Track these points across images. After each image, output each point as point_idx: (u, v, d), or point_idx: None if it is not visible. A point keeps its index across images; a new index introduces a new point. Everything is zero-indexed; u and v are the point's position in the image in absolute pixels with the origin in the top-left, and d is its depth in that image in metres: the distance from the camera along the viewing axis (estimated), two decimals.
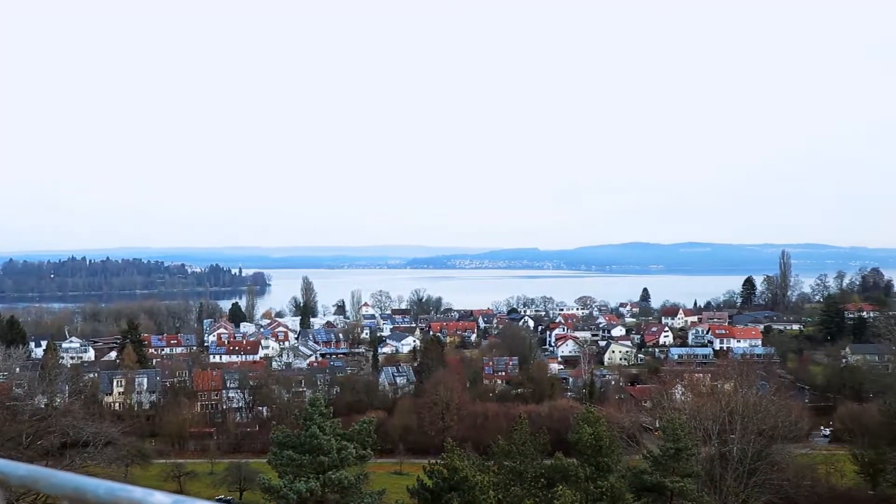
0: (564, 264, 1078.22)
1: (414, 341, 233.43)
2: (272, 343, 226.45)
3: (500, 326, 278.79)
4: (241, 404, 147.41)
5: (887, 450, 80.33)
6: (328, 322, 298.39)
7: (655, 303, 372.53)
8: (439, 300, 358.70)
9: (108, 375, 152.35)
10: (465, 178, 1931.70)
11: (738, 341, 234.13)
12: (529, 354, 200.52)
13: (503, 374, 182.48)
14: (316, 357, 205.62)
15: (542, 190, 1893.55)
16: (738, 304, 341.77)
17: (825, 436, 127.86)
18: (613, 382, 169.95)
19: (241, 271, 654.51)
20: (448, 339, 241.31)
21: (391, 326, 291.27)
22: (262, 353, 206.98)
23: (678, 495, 49.08)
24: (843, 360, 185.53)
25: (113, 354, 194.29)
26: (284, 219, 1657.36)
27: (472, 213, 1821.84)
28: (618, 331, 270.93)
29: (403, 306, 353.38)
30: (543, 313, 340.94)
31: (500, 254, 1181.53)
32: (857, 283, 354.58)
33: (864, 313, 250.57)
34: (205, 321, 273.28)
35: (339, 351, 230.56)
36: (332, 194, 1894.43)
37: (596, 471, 46.29)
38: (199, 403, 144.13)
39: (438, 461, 46.34)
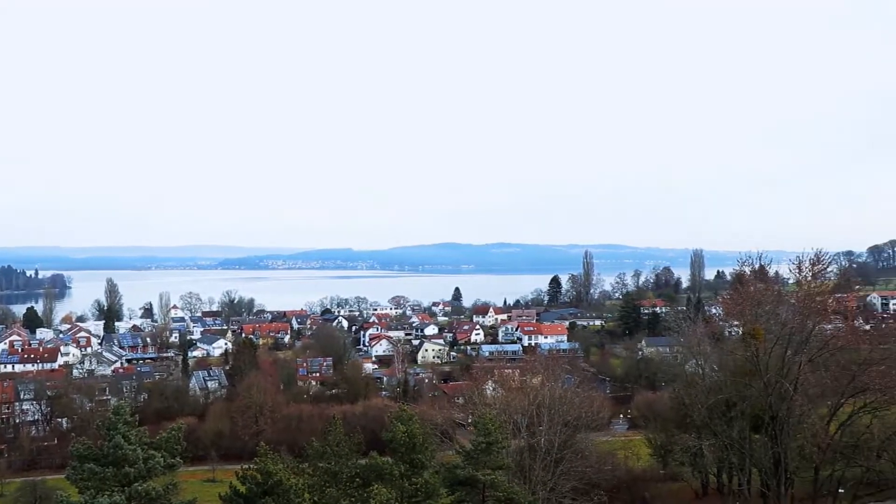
0: (378, 264, 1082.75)
1: (226, 344, 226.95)
2: (73, 349, 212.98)
3: (314, 327, 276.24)
4: (37, 417, 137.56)
5: (676, 433, 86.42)
6: (134, 326, 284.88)
7: (467, 302, 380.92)
8: (252, 301, 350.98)
9: None
10: (275, 177, 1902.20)
11: (546, 337, 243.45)
12: (344, 355, 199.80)
13: (317, 374, 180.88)
14: (121, 363, 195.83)
15: (354, 190, 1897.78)
16: (546, 301, 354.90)
17: (624, 423, 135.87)
18: (427, 380, 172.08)
19: (37, 273, 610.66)
20: (261, 341, 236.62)
21: (202, 329, 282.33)
22: (61, 360, 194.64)
23: (490, 487, 50.48)
24: (640, 353, 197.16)
25: None
26: (86, 217, 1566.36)
27: (283, 212, 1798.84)
28: (431, 329, 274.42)
29: (215, 308, 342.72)
30: (357, 313, 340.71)
31: (314, 254, 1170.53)
32: (652, 280, 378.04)
33: (658, 308, 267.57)
34: None
35: (146, 356, 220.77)
36: (135, 191, 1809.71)
37: (410, 468, 46.77)
38: None
39: (252, 466, 45.28)
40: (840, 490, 66.64)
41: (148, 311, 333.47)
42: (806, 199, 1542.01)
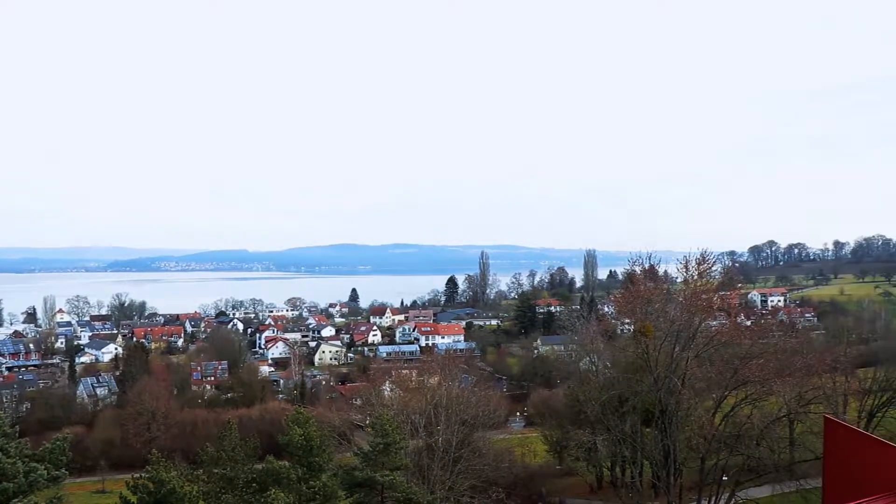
0: (274, 266, 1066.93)
1: (116, 349, 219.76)
2: None
3: (209, 330, 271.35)
4: None
5: (571, 429, 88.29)
6: (16, 332, 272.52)
7: (364, 302, 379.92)
8: (143, 304, 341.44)
9: None
10: (165, 176, 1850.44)
11: (443, 337, 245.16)
12: (239, 358, 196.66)
13: (212, 378, 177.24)
14: (1, 371, 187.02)
15: (245, 191, 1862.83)
16: (443, 302, 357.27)
17: (521, 421, 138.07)
18: (324, 382, 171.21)
19: None
20: (153, 345, 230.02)
21: (90, 334, 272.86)
22: None
23: (389, 488, 50.48)
24: (535, 351, 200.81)
25: None
26: None
27: (175, 213, 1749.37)
28: (328, 331, 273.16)
29: (104, 312, 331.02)
30: (253, 315, 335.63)
31: (208, 255, 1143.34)
32: (547, 280, 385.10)
33: (553, 308, 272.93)
34: None
35: (29, 363, 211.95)
36: (13, 188, 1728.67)
37: (308, 471, 46.29)
38: None
39: (143, 474, 43.95)
40: (724, 478, 69.39)
41: (31, 316, 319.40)
42: (693, 202, 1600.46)
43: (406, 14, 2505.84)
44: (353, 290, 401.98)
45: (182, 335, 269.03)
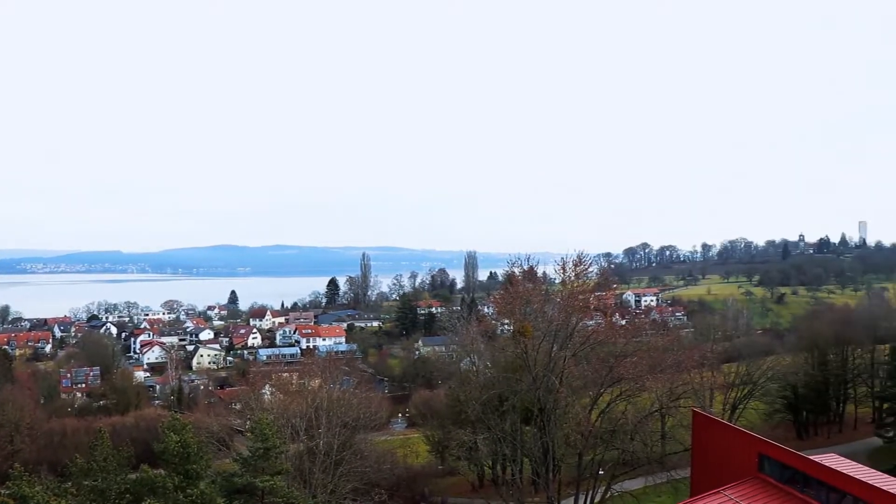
0: (149, 267, 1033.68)
1: None
2: None
3: (80, 335, 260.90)
4: None
5: (452, 429, 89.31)
6: None
7: (244, 305, 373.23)
8: (7, 308, 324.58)
9: None
10: (32, 173, 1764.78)
11: (324, 339, 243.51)
12: (112, 363, 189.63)
13: (84, 385, 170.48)
14: None
15: (121, 190, 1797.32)
16: (324, 303, 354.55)
17: (403, 422, 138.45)
18: (203, 387, 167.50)
19: None
20: (17, 352, 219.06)
21: None
22: None
23: (269, 493, 49.68)
24: (417, 353, 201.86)
25: None
26: None
27: (44, 212, 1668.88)
28: (206, 334, 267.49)
29: None
30: (127, 319, 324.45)
31: (79, 257, 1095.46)
32: (428, 282, 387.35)
33: (434, 309, 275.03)
34: None
35: None
36: None
37: (185, 479, 45.06)
38: None
39: (4, 491, 41.75)
40: (600, 472, 71.61)
41: None
42: (570, 206, 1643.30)
43: (280, 10, 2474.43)
44: (233, 292, 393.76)
45: (50, 341, 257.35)
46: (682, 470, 66.97)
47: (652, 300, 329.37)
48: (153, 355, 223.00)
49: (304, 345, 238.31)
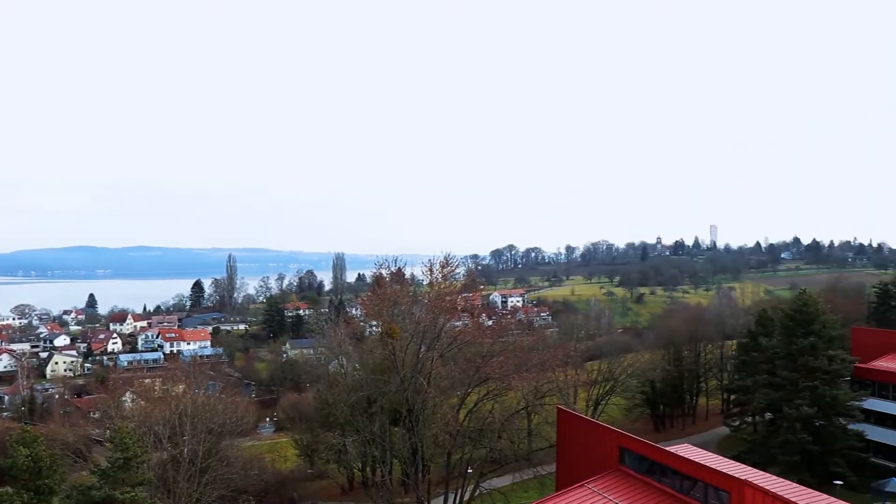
0: None
1: None
2: None
3: None
4: None
5: (321, 432, 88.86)
6: None
7: (103, 309, 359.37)
8: None
9: None
10: None
11: (188, 343, 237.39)
12: None
13: None
14: None
15: None
16: (188, 307, 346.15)
17: (271, 426, 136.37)
18: (58, 396, 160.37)
19: None
20: None
21: None
22: None
23: None
24: (284, 355, 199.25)
25: None
26: None
27: None
28: (62, 340, 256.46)
29: None
30: None
31: None
32: (296, 284, 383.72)
33: (301, 311, 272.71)
34: None
35: None
36: None
37: (35, 496, 42.92)
38: None
39: None
40: (469, 470, 72.77)
41: None
42: (441, 208, 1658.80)
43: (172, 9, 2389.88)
44: (91, 296, 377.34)
45: None
46: (549, 466, 68.90)
47: (518, 301, 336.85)
48: (2, 364, 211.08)
49: (167, 349, 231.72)
